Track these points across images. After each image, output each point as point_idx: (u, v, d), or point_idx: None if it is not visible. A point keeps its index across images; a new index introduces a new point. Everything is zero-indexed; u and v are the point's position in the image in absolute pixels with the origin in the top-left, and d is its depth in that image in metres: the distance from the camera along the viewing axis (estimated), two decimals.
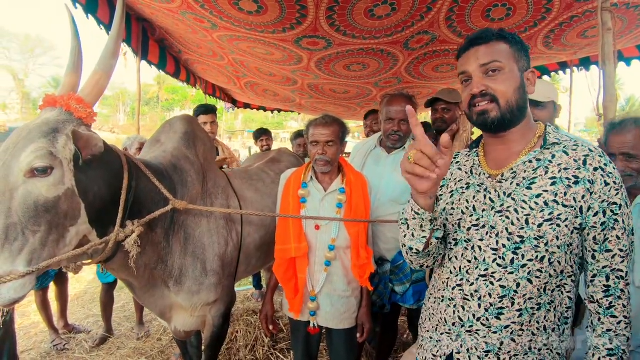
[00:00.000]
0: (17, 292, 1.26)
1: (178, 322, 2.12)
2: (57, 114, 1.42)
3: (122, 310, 4.32)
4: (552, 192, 1.08)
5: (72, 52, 1.54)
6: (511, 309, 1.12)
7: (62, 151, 1.36)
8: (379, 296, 2.38)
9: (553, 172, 1.10)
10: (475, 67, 1.16)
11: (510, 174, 1.16)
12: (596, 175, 1.06)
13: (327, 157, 1.96)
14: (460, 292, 1.20)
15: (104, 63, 1.57)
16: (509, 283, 1.12)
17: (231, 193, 2.34)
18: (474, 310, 1.17)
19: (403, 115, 2.28)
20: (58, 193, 1.35)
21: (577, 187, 1.06)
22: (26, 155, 1.29)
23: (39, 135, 1.33)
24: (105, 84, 1.57)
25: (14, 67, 45.77)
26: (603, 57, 1.75)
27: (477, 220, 1.19)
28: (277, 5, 2.25)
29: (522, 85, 1.15)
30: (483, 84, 1.14)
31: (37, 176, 1.30)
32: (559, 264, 1.09)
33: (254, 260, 2.47)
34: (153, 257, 1.83)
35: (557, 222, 1.07)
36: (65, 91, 1.49)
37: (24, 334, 3.74)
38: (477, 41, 1.18)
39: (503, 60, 1.14)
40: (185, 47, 3.74)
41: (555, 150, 1.13)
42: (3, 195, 1.26)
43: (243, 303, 4.40)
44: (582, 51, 3.15)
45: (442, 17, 2.42)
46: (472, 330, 1.17)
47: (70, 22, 1.59)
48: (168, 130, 2.22)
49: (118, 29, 1.63)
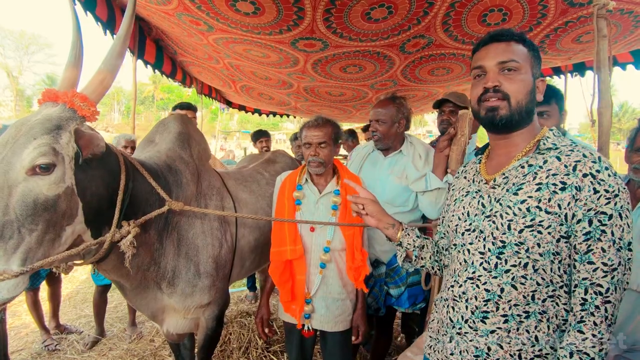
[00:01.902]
0: (10, 292, 1.24)
1: (170, 325, 2.10)
2: (59, 110, 1.39)
3: (115, 311, 4.29)
4: (536, 198, 1.06)
5: (73, 46, 1.51)
6: (495, 313, 1.11)
7: (64, 148, 1.34)
8: (374, 299, 2.38)
9: (540, 177, 1.09)
10: (493, 62, 1.17)
11: (503, 179, 1.17)
12: (585, 182, 1.01)
13: (319, 159, 1.96)
14: (452, 293, 1.23)
15: (109, 62, 1.54)
16: (493, 287, 1.12)
17: (225, 194, 2.32)
18: (462, 312, 1.18)
19: (380, 115, 2.35)
20: (58, 191, 1.32)
21: (563, 193, 1.03)
22: (29, 151, 1.25)
23: (42, 131, 1.30)
24: (109, 84, 1.54)
25: (8, 64, 45.45)
26: (598, 64, 1.76)
27: (469, 225, 1.21)
28: (274, 7, 2.24)
29: (533, 90, 1.16)
30: (498, 79, 1.15)
31: (38, 174, 1.27)
32: (544, 271, 1.06)
33: (248, 262, 2.46)
34: (146, 258, 1.81)
35: (539, 228, 1.05)
36: (66, 86, 1.46)
37: (14, 334, 3.71)
38: (498, 37, 1.18)
39: (520, 61, 1.15)
40: (181, 48, 3.73)
41: (549, 155, 1.12)
42: (1, 192, 1.23)
43: (236, 305, 4.38)
44: (577, 56, 3.17)
45: (438, 21, 2.42)
46: (462, 332, 1.18)
47: (72, 16, 1.57)
48: (162, 131, 2.21)
49: (126, 30, 1.60)
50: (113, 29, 2.86)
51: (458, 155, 2.20)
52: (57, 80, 5.07)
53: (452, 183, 1.45)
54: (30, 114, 1.42)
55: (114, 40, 1.59)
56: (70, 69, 1.49)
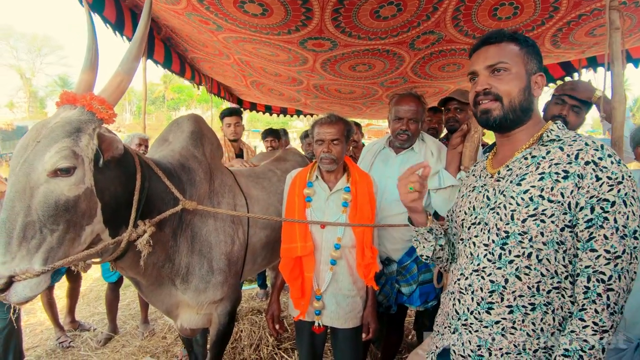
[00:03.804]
0: (32, 290, 1.27)
1: (184, 320, 2.13)
2: (78, 112, 1.41)
3: (127, 309, 4.35)
4: (539, 187, 1.07)
5: (89, 50, 1.54)
6: (500, 304, 1.12)
7: (84, 151, 1.37)
8: (385, 296, 2.38)
9: (543, 167, 1.09)
10: (482, 66, 1.19)
11: (507, 172, 1.18)
12: (587, 169, 1.01)
13: (332, 155, 1.96)
14: (458, 286, 1.24)
15: (126, 65, 1.56)
16: (497, 278, 1.12)
17: (237, 191, 2.34)
18: (467, 304, 1.19)
19: (411, 114, 2.27)
20: (78, 192, 1.35)
21: (566, 181, 1.03)
22: (50, 155, 1.28)
23: (62, 134, 1.33)
24: (126, 86, 1.57)
25: (21, 66, 46.19)
26: (611, 57, 1.73)
27: (475, 218, 1.23)
28: (282, 8, 2.24)
29: (528, 86, 1.16)
30: (487, 82, 1.17)
31: (59, 176, 1.30)
32: (548, 262, 1.06)
33: (260, 259, 2.48)
34: (161, 255, 1.84)
35: (542, 217, 1.05)
36: (82, 89, 1.48)
37: (29, 331, 3.78)
38: (489, 41, 1.20)
39: (509, 61, 1.15)
40: (192, 45, 3.74)
41: (552, 146, 1.12)
42: (23, 193, 1.26)
43: (247, 302, 4.41)
44: (590, 50, 3.12)
45: (448, 17, 2.40)
46: (467, 323, 1.19)
47: (87, 20, 1.60)
48: (176, 130, 2.23)
49: (143, 32, 1.62)
50: (122, 30, 2.88)
51: (471, 152, 2.17)
52: (69, 82, 5.09)
53: (463, 181, 1.46)
54: (49, 116, 1.44)
55: (131, 43, 1.61)
56: (86, 71, 1.52)
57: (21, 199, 1.26)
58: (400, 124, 2.30)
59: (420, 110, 2.30)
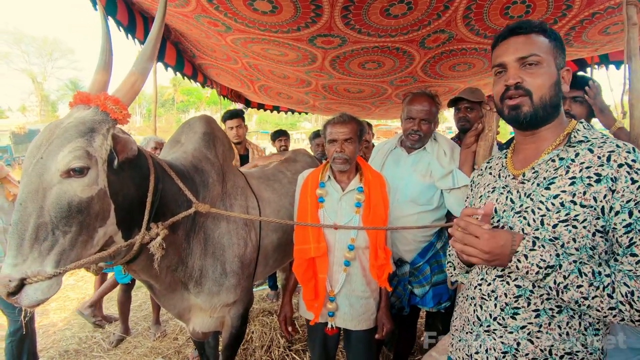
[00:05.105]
0: (44, 293, 1.24)
1: (197, 323, 2.12)
2: (92, 113, 1.39)
3: (139, 310, 4.38)
4: (570, 192, 1.03)
5: (103, 51, 1.53)
6: (527, 309, 1.09)
7: (98, 151, 1.34)
8: (398, 298, 2.36)
9: (574, 171, 1.05)
10: (512, 58, 1.13)
11: (532, 174, 1.14)
12: (620, 172, 0.98)
13: (345, 155, 1.95)
14: (480, 292, 1.21)
15: (140, 65, 1.54)
16: (524, 283, 1.09)
17: (249, 193, 2.34)
18: (490, 310, 1.16)
19: (424, 114, 2.25)
20: (92, 193, 1.33)
21: (599, 185, 1.00)
22: (64, 155, 1.26)
23: (76, 134, 1.30)
24: (140, 86, 1.55)
25: (33, 70, 46.81)
26: (628, 53, 1.70)
27: (497, 221, 1.18)
28: (291, 5, 2.24)
29: (558, 81, 1.12)
30: (519, 75, 1.11)
31: (73, 176, 1.28)
32: None
33: (272, 261, 2.48)
34: (174, 258, 1.83)
35: (574, 223, 1.02)
36: (96, 89, 1.47)
37: (42, 332, 3.82)
38: (517, 31, 1.14)
39: (542, 54, 1.10)
40: (200, 50, 3.76)
41: (580, 148, 1.08)
42: (36, 194, 1.24)
43: (258, 303, 4.42)
44: (604, 48, 3.07)
45: (459, 16, 2.38)
46: (490, 329, 1.16)
47: (102, 23, 1.60)
48: (188, 131, 2.23)
49: (157, 33, 1.59)
50: (134, 33, 2.91)
51: (485, 151, 2.15)
52: (80, 85, 5.14)
53: (475, 180, 1.41)
54: (63, 116, 1.43)
55: (145, 43, 1.61)
56: (100, 72, 1.51)
57: (34, 200, 1.23)
58: (412, 124, 2.28)
59: (433, 111, 2.27)
